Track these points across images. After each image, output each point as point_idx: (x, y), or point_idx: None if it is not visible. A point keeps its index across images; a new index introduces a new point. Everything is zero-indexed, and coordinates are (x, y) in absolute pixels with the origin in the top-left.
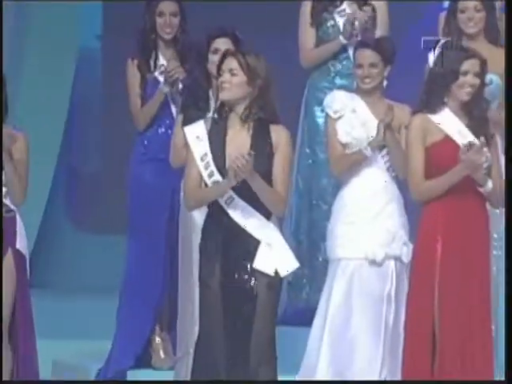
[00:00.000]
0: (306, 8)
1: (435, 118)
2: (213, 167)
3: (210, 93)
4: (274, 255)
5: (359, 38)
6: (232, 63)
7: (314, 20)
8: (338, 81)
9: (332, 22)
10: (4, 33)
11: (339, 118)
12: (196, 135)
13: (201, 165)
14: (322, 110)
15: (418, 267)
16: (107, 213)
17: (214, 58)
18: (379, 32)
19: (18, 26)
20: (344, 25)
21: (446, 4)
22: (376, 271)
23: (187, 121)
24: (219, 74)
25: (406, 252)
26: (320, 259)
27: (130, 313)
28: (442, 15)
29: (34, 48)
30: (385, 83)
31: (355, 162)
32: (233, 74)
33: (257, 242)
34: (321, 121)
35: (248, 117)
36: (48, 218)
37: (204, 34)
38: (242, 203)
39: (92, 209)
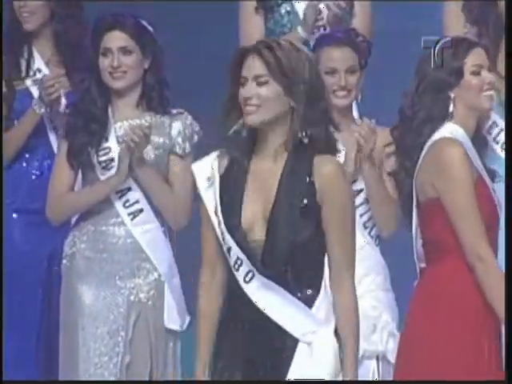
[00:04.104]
0: None
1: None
2: (222, 226)
3: (110, 111)
4: (316, 361)
5: (327, 32)
6: None
7: (260, 3)
8: None
9: (288, 8)
10: None
11: None
12: (206, 176)
13: (215, 221)
14: None
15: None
16: None
17: (104, 63)
18: (357, 28)
19: None
20: (305, 12)
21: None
22: None
23: (75, 151)
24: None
25: (393, 347)
26: None
27: None
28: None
29: None
30: (359, 98)
31: None
32: None
33: (290, 341)
34: None
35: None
36: None
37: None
38: (266, 281)
39: None
